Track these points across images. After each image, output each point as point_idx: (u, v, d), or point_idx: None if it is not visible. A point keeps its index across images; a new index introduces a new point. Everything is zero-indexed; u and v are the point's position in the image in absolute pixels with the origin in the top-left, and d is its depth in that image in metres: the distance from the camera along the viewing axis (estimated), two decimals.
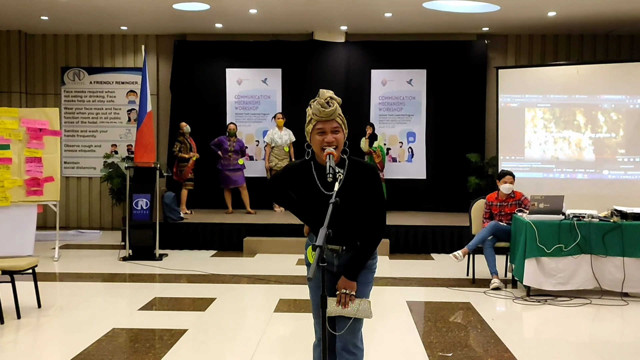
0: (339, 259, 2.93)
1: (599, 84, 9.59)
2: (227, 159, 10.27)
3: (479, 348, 4.75)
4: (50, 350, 4.79)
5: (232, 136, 10.33)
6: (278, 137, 10.43)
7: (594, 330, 5.42)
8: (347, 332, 2.84)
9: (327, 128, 2.79)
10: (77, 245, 9.69)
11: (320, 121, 2.80)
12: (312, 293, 3.01)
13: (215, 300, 6.17)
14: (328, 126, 2.79)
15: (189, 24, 10.70)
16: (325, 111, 2.77)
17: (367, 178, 2.86)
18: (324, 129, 2.80)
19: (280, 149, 10.44)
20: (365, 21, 10.42)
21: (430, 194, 11.25)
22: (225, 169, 10.27)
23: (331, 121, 2.79)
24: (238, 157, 10.29)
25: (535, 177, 9.81)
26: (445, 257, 8.57)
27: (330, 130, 2.79)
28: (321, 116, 2.78)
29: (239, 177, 10.34)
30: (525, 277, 6.27)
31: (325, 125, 2.79)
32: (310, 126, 2.83)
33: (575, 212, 6.38)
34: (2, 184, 8.03)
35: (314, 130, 2.82)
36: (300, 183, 2.92)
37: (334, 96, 2.84)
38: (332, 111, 2.77)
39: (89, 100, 11.65)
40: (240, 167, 10.34)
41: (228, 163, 10.27)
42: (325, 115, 2.77)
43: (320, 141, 2.80)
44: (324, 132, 2.80)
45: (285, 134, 10.45)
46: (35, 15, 10.20)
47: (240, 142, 10.49)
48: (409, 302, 6.14)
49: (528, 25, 10.54)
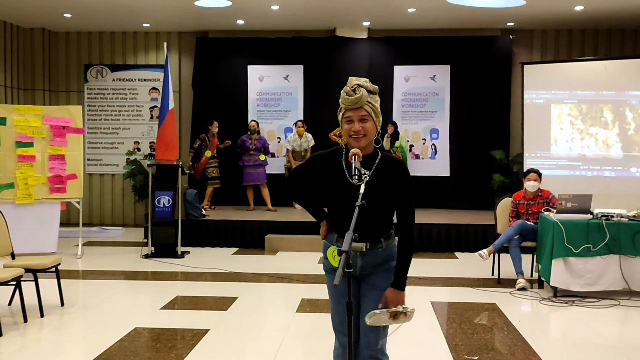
0: (362, 258, 2.83)
1: (627, 79, 9.38)
2: (248, 156, 10.25)
3: (505, 351, 4.66)
4: (73, 349, 4.79)
5: (254, 133, 10.29)
6: (297, 145, 10.48)
7: (623, 333, 5.30)
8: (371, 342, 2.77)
9: (354, 116, 2.72)
10: (100, 242, 9.74)
11: (348, 109, 2.73)
12: (335, 302, 2.90)
13: (237, 299, 6.14)
14: (356, 114, 2.72)
15: (210, 20, 10.69)
16: (350, 99, 2.70)
17: (398, 175, 2.77)
18: (351, 118, 2.73)
19: (298, 153, 10.51)
20: (388, 17, 10.32)
21: (453, 191, 11.12)
22: (247, 165, 10.26)
23: (359, 109, 2.71)
24: (260, 154, 10.26)
25: (562, 174, 9.63)
26: (469, 256, 8.45)
27: (358, 118, 2.72)
28: (347, 104, 2.72)
29: (260, 174, 10.31)
30: (552, 278, 6.14)
31: (353, 113, 2.72)
32: (340, 114, 2.79)
33: (603, 212, 6.24)
34: (26, 181, 8.09)
35: (343, 118, 2.77)
36: (327, 173, 2.83)
37: (365, 83, 2.74)
38: (357, 99, 2.68)
39: (111, 97, 11.69)
40: (261, 163, 10.29)
41: (249, 160, 10.26)
42: (351, 103, 2.71)
43: (348, 130, 2.74)
44: (351, 121, 2.73)
45: (304, 140, 10.45)
46: (58, 13, 10.26)
47: (262, 140, 10.45)
48: (433, 303, 6.05)
49: (554, 19, 10.36)
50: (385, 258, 2.86)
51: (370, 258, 2.83)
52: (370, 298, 2.83)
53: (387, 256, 2.87)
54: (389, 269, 2.87)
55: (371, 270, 2.86)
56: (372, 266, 2.85)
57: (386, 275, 2.86)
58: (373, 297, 2.82)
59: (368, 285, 2.87)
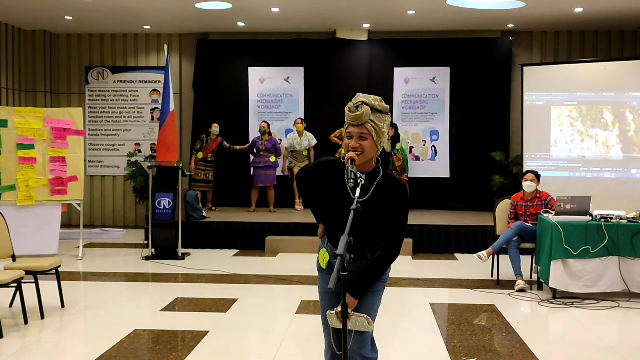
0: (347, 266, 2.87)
1: (627, 81, 9.39)
2: (259, 157, 10.28)
3: (504, 352, 4.67)
4: (73, 350, 4.81)
5: (264, 134, 10.30)
6: (297, 143, 10.39)
7: (622, 334, 5.30)
8: (353, 344, 2.78)
9: (354, 132, 2.73)
10: (101, 244, 9.77)
11: (351, 124, 2.74)
12: (323, 300, 2.97)
13: (237, 301, 6.16)
14: (356, 131, 2.72)
15: (211, 22, 10.71)
16: (351, 115, 2.71)
17: (396, 196, 2.77)
18: (351, 133, 2.74)
19: (299, 153, 10.42)
20: (388, 18, 10.34)
21: (453, 192, 11.14)
22: (257, 166, 10.28)
23: (360, 126, 2.71)
24: (270, 155, 10.27)
25: (561, 175, 9.65)
26: (469, 257, 8.47)
27: (357, 135, 2.72)
28: (349, 120, 2.74)
29: (270, 176, 10.31)
30: (551, 279, 6.16)
31: (354, 129, 2.72)
32: (343, 129, 2.81)
33: (602, 213, 6.25)
34: (27, 183, 8.12)
35: (345, 132, 2.79)
36: (328, 181, 2.85)
37: (372, 101, 2.71)
38: (358, 116, 2.68)
39: (112, 99, 11.72)
40: (272, 164, 10.29)
41: (259, 161, 10.28)
42: (352, 119, 2.72)
43: (346, 145, 2.76)
44: (351, 137, 2.74)
45: (304, 139, 10.39)
46: (59, 15, 10.29)
47: (272, 141, 10.44)
48: (432, 304, 6.06)
49: (554, 21, 10.37)
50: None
51: (353, 266, 2.81)
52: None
53: None
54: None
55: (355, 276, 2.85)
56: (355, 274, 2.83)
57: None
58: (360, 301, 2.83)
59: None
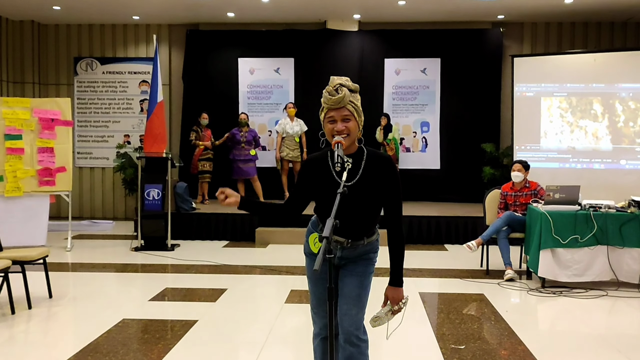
0: (342, 251, 2.87)
1: (617, 72, 9.42)
2: (239, 150, 10.12)
3: (493, 340, 4.68)
4: (60, 340, 4.77)
5: (244, 126, 10.18)
6: (289, 127, 10.20)
7: (610, 323, 5.32)
8: (349, 325, 2.80)
9: (337, 116, 2.72)
10: (90, 236, 9.71)
11: (331, 109, 2.73)
12: (312, 284, 2.98)
13: (227, 291, 6.15)
14: (338, 114, 2.72)
15: (201, 13, 10.65)
16: (332, 99, 2.69)
17: (385, 171, 2.78)
18: (334, 117, 2.73)
19: (292, 139, 10.18)
20: (378, 9, 10.31)
21: (444, 184, 11.15)
22: (237, 159, 10.14)
23: (341, 109, 2.71)
24: (250, 147, 10.15)
25: (551, 167, 9.67)
26: (459, 247, 8.50)
27: (341, 118, 2.72)
28: (330, 104, 2.72)
29: (250, 168, 10.13)
30: (540, 269, 6.18)
31: (335, 113, 2.72)
32: (323, 114, 2.78)
33: (591, 203, 6.28)
34: (15, 174, 8.06)
35: (325, 118, 2.77)
36: (318, 174, 2.84)
37: (346, 82, 2.75)
38: (340, 99, 2.68)
39: (101, 90, 11.65)
40: (252, 158, 10.14)
41: (239, 154, 10.09)
42: (334, 103, 2.70)
43: (330, 130, 2.75)
44: (334, 121, 2.73)
45: (296, 124, 10.24)
46: (47, 6, 10.20)
47: (252, 132, 10.30)
48: (421, 294, 6.07)
49: (544, 12, 10.37)
50: (364, 252, 2.91)
51: (349, 252, 2.88)
52: (349, 284, 2.87)
53: (367, 250, 2.92)
54: (369, 258, 2.93)
55: (350, 260, 2.90)
56: (351, 257, 2.89)
57: (366, 263, 2.91)
58: (353, 283, 2.87)
59: (347, 272, 2.91)
